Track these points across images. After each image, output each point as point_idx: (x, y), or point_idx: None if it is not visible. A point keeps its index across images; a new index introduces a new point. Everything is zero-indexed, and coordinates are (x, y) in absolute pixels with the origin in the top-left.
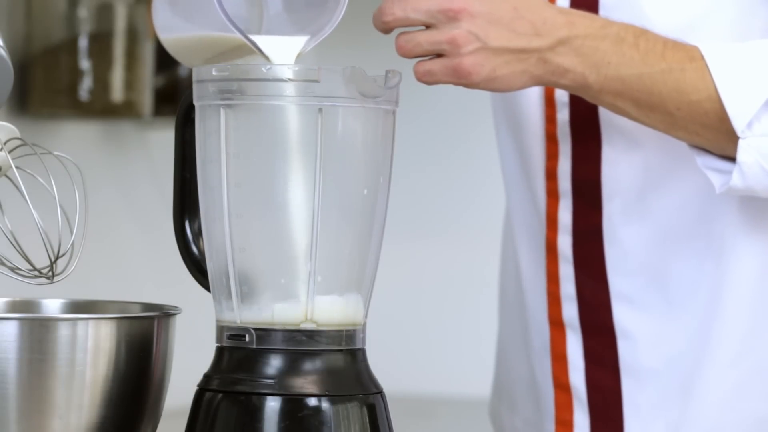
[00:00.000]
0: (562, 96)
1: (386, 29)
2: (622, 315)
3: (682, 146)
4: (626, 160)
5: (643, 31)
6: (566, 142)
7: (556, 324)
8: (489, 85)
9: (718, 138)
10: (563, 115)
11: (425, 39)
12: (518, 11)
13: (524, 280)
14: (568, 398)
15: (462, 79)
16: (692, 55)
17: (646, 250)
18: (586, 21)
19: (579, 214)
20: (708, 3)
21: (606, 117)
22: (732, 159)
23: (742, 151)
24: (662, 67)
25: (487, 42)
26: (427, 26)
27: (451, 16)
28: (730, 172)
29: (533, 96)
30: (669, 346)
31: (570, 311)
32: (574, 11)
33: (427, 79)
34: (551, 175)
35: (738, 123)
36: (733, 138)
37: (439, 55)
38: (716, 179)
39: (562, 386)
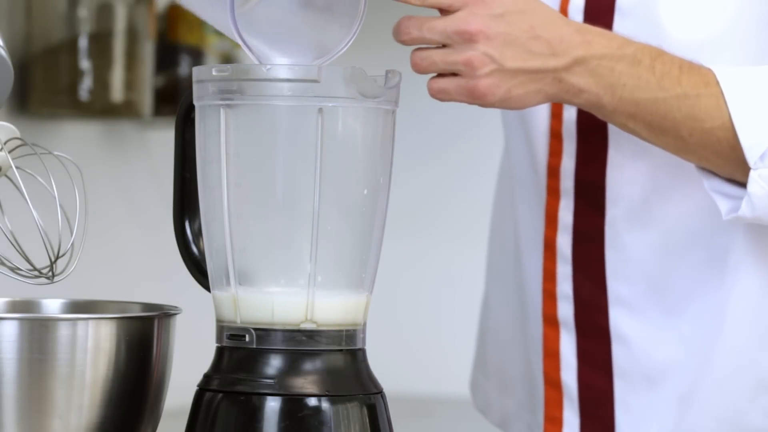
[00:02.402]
0: None
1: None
2: (618, 319)
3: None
4: (632, 166)
5: (660, 52)
6: (571, 140)
7: (550, 321)
8: (503, 104)
9: (728, 165)
10: (570, 114)
11: (440, 59)
12: (535, 30)
13: (525, 272)
14: (558, 395)
15: (476, 101)
16: (707, 80)
17: (647, 257)
18: (604, 40)
19: (580, 214)
20: (727, 21)
21: None
22: (739, 183)
23: (753, 183)
24: (677, 92)
25: (503, 64)
26: (443, 45)
27: (467, 38)
28: (737, 197)
29: None
30: (665, 354)
31: (565, 310)
32: (592, 29)
33: (441, 96)
34: (553, 173)
35: (751, 154)
36: (743, 166)
37: (453, 73)
38: (723, 204)
39: (552, 383)
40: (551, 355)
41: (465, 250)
